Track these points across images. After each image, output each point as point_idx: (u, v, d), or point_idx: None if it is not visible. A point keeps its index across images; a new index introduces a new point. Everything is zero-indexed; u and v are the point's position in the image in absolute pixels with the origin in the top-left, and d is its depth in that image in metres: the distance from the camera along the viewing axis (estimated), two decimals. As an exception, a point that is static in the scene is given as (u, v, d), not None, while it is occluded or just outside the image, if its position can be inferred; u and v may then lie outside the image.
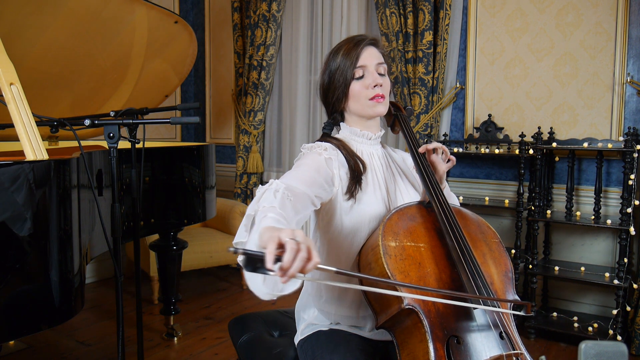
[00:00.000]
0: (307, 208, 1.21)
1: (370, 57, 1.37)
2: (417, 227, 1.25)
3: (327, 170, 1.29)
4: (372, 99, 1.36)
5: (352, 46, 1.37)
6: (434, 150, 1.40)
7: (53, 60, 2.24)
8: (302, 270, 0.86)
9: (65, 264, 1.42)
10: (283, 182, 1.16)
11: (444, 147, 1.40)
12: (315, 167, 1.27)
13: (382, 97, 1.37)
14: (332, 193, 1.30)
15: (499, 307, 1.16)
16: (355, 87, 1.36)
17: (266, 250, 0.84)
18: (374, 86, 1.35)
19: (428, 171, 1.35)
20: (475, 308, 1.14)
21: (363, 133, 1.42)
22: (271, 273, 0.84)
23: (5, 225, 1.28)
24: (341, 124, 1.46)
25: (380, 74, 1.38)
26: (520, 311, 1.15)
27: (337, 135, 1.46)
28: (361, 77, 1.36)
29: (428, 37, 3.16)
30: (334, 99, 1.40)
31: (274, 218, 1.01)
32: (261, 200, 1.08)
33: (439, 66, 3.19)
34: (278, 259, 0.84)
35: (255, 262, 0.84)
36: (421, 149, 1.37)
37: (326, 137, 1.44)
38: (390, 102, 1.52)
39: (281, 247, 0.85)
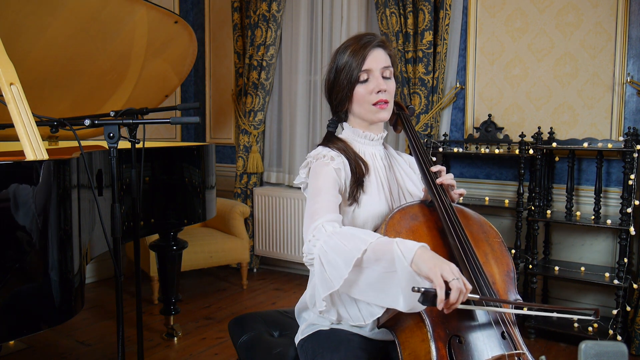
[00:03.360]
0: None
1: (376, 61, 1.34)
2: (419, 226, 1.25)
3: (339, 182, 1.31)
4: (375, 104, 1.35)
5: (360, 47, 1.34)
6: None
7: (53, 60, 2.23)
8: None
9: (65, 264, 1.42)
10: (330, 219, 1.19)
11: (454, 183, 1.38)
12: (332, 184, 1.29)
13: (386, 102, 1.36)
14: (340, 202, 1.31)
15: (500, 307, 1.16)
16: (359, 90, 1.35)
17: (437, 293, 0.99)
18: (378, 92, 1.34)
19: (430, 170, 1.35)
20: (477, 307, 1.14)
21: (366, 134, 1.42)
22: (438, 306, 1.00)
23: (5, 225, 1.28)
24: (344, 123, 1.46)
25: (386, 78, 1.36)
26: (590, 316, 1.15)
27: (340, 135, 1.45)
28: (365, 81, 1.35)
29: (428, 37, 3.16)
30: (337, 100, 1.40)
31: (406, 240, 1.08)
32: (349, 244, 1.10)
33: (439, 66, 3.19)
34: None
35: (430, 297, 1.00)
36: (434, 168, 1.37)
37: (329, 139, 1.43)
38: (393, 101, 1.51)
39: (446, 283, 1.00)
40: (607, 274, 2.67)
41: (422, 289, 0.99)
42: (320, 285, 1.14)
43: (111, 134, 1.62)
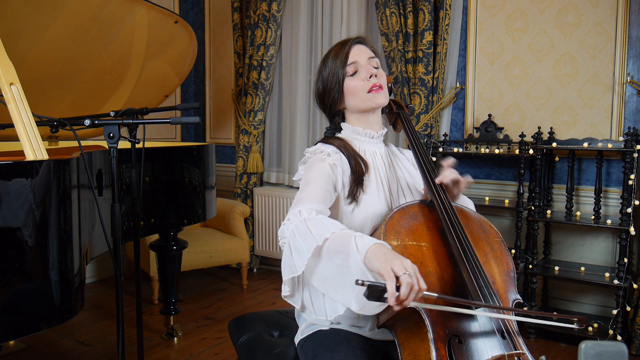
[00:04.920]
0: None
1: (359, 53, 1.38)
2: (419, 226, 1.25)
3: (333, 177, 1.30)
4: (370, 90, 1.37)
5: (340, 48, 1.39)
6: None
7: (53, 60, 2.23)
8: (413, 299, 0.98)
9: (65, 264, 1.42)
10: (310, 207, 1.18)
11: (458, 177, 1.34)
12: (324, 178, 1.28)
13: (380, 87, 1.37)
14: (334, 199, 1.31)
15: (502, 313, 1.16)
16: (350, 83, 1.37)
17: (387, 287, 0.94)
18: (370, 77, 1.36)
19: (429, 169, 1.35)
20: (476, 308, 1.14)
21: (365, 132, 1.42)
22: (388, 302, 0.95)
23: (5, 225, 1.28)
24: (342, 124, 1.46)
25: (373, 67, 1.38)
26: (573, 324, 1.15)
27: (339, 135, 1.45)
28: (355, 74, 1.37)
29: (428, 37, 3.16)
30: (330, 101, 1.41)
31: (365, 236, 1.06)
32: (315, 230, 1.09)
33: (439, 66, 3.19)
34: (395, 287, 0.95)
35: (377, 292, 0.95)
36: (438, 180, 1.32)
37: (328, 137, 1.44)
38: (392, 100, 1.52)
39: (397, 279, 0.96)
40: (607, 274, 2.67)
41: (367, 282, 0.94)
42: (285, 268, 1.14)
43: (111, 134, 1.62)
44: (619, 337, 2.59)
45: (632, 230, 2.57)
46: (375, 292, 0.94)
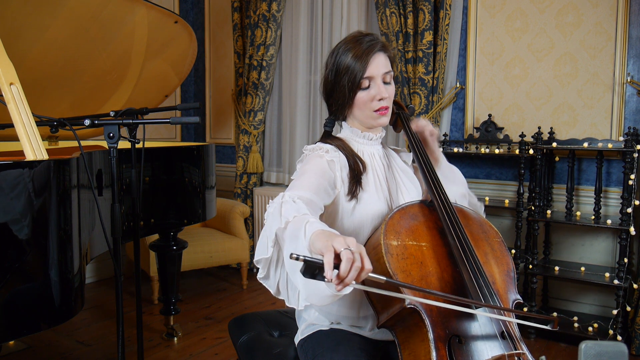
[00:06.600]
0: (317, 215, 1.21)
1: (377, 67, 1.33)
2: (419, 226, 1.25)
3: (330, 174, 1.29)
4: (376, 110, 1.36)
5: (362, 53, 1.32)
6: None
7: (53, 60, 2.23)
8: (356, 279, 0.91)
9: (65, 264, 1.42)
10: (294, 193, 1.16)
11: (432, 129, 1.47)
12: (319, 171, 1.27)
13: (387, 108, 1.37)
14: (334, 196, 1.30)
15: (502, 315, 1.16)
16: (361, 96, 1.35)
17: (324, 260, 0.88)
18: (380, 99, 1.34)
19: (429, 169, 1.35)
20: (475, 309, 1.14)
21: (364, 134, 1.42)
22: (327, 280, 0.89)
23: (5, 225, 1.28)
24: (343, 123, 1.46)
25: (386, 83, 1.36)
26: (547, 325, 1.15)
27: (338, 135, 1.46)
28: (367, 88, 1.34)
29: (428, 37, 3.16)
30: (337, 103, 1.39)
31: (317, 222, 1.02)
32: (284, 213, 1.08)
33: (439, 66, 3.19)
34: (334, 266, 0.89)
35: (314, 269, 0.88)
36: (412, 126, 1.44)
37: (327, 136, 1.44)
38: (393, 101, 1.51)
39: (337, 256, 0.90)
40: (607, 274, 2.67)
41: (302, 257, 0.87)
42: (257, 248, 1.14)
43: (111, 134, 1.62)
44: (619, 337, 2.59)
45: (632, 230, 2.57)
46: (311, 267, 0.87)
